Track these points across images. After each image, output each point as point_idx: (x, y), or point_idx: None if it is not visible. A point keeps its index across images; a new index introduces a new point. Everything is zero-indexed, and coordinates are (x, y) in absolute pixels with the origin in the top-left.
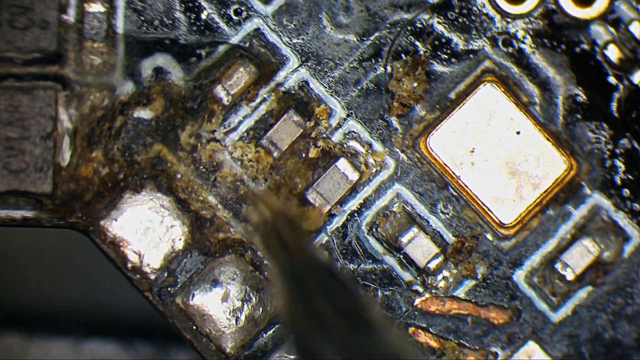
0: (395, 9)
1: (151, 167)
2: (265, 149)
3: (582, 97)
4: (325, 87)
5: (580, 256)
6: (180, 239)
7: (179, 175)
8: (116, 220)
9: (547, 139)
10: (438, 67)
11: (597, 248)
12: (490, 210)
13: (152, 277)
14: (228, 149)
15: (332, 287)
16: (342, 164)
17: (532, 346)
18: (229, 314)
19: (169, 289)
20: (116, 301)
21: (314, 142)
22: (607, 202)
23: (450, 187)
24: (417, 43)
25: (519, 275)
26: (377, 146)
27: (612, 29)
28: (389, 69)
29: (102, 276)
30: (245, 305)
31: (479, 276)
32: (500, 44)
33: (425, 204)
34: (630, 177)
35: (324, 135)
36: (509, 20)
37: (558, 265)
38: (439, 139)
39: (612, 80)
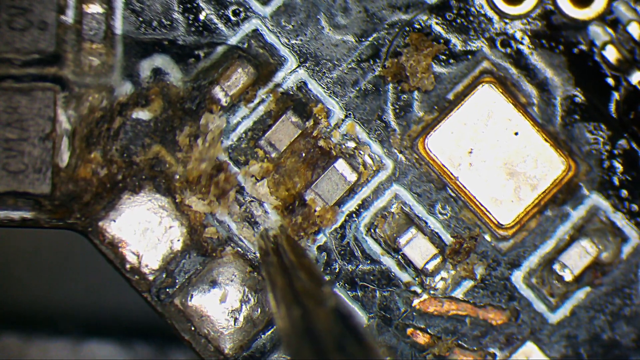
0: (393, 10)
1: (150, 168)
2: (263, 150)
3: (580, 98)
4: (324, 88)
5: (579, 257)
6: (178, 240)
7: (178, 176)
8: (115, 221)
9: (546, 140)
10: (436, 68)
11: (595, 249)
12: (488, 211)
13: (151, 277)
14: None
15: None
16: (341, 165)
17: (530, 347)
18: (228, 315)
19: (167, 289)
20: (115, 302)
21: (316, 141)
22: (605, 203)
23: (448, 188)
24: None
25: (517, 276)
26: (376, 147)
27: (610, 30)
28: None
29: (101, 277)
30: (244, 306)
31: (478, 277)
32: (498, 44)
33: (424, 205)
34: (628, 177)
35: (324, 135)
36: (507, 21)
37: (556, 266)
38: (437, 140)
39: (610, 81)
